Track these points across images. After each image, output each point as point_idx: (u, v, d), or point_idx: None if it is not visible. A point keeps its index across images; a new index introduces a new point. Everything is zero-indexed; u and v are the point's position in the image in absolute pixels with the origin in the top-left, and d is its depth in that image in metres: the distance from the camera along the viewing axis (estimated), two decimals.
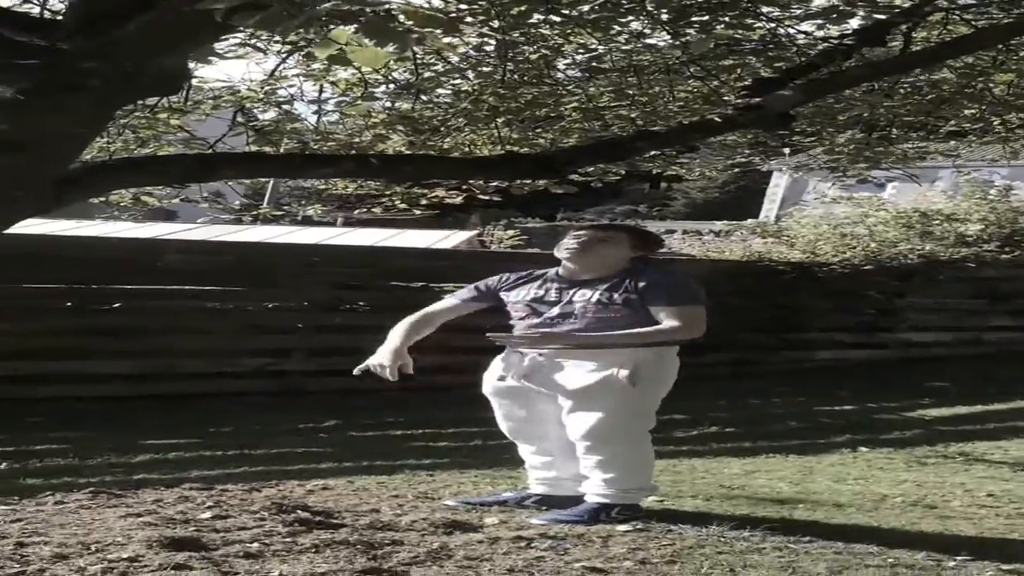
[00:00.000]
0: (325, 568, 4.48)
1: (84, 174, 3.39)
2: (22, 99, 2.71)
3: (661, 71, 6.26)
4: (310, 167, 3.84)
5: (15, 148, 2.83)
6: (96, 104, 2.77)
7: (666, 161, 9.08)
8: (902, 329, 13.26)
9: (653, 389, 5.57)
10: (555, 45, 5.90)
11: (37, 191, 3.04)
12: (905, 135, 8.96)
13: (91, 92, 2.72)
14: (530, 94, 6.44)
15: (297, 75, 6.08)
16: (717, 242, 18.32)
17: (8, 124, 2.78)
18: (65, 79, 2.71)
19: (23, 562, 4.43)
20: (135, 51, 2.67)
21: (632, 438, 5.52)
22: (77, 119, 2.83)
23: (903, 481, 6.97)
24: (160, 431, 7.88)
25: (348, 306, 10.50)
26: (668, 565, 4.78)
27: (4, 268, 8.85)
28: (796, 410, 9.99)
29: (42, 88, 2.71)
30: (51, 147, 2.91)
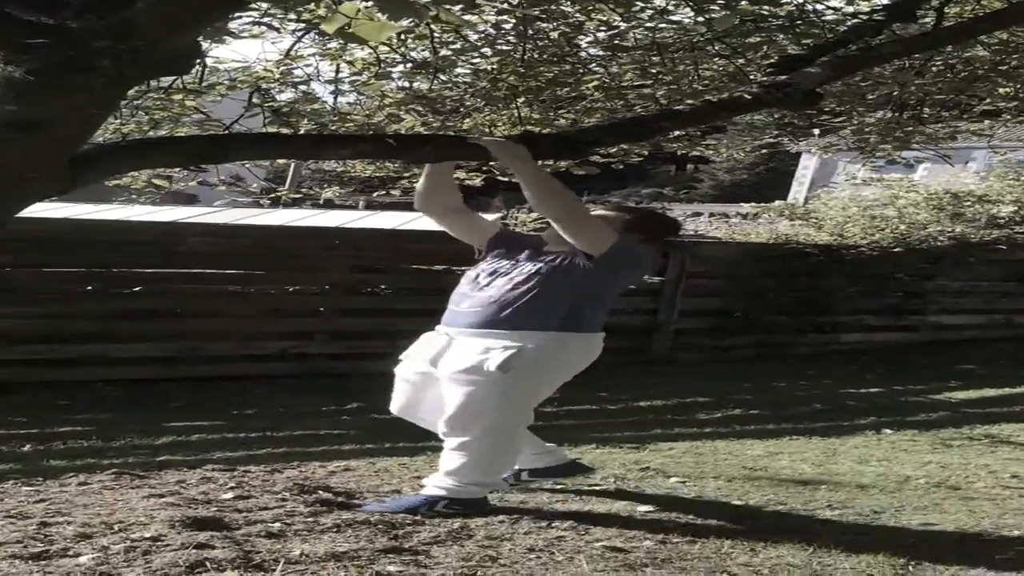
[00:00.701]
0: (346, 547, 4.49)
1: (99, 154, 3.38)
2: (32, 79, 2.70)
3: (685, 49, 6.21)
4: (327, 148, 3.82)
5: (27, 128, 2.82)
6: (108, 84, 2.75)
7: (692, 142, 9.03)
8: (932, 312, 13.16)
9: (530, 380, 5.14)
10: (576, 22, 5.86)
11: (52, 172, 3.03)
12: (937, 114, 8.84)
13: (102, 72, 2.70)
14: (551, 73, 6.40)
15: (313, 54, 6.07)
16: (744, 224, 18.26)
17: (18, 105, 2.77)
18: (75, 59, 2.69)
19: (46, 541, 4.47)
20: (146, 29, 2.65)
21: (491, 428, 5.12)
22: (89, 99, 2.81)
23: (927, 463, 6.94)
24: (183, 413, 7.92)
25: (370, 289, 10.51)
26: (689, 545, 4.78)
27: (27, 253, 8.89)
28: (821, 393, 9.94)
29: (52, 68, 2.70)
30: (63, 128, 2.90)
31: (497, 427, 5.15)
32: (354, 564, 4.29)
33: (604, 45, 6.33)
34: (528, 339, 5.04)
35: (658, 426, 8.16)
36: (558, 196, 5.10)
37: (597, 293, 5.21)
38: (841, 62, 5.45)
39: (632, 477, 6.24)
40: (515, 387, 5.08)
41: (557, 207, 5.08)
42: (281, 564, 4.24)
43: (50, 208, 9.93)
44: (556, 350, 5.14)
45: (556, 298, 5.09)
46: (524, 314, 5.06)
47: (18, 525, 4.72)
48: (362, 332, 10.33)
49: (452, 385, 5.17)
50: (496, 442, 5.18)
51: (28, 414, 7.64)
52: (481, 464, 5.17)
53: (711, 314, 12.03)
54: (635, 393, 9.45)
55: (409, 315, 10.19)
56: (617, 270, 5.21)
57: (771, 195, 22.39)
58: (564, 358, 5.24)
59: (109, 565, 4.16)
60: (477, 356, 5.06)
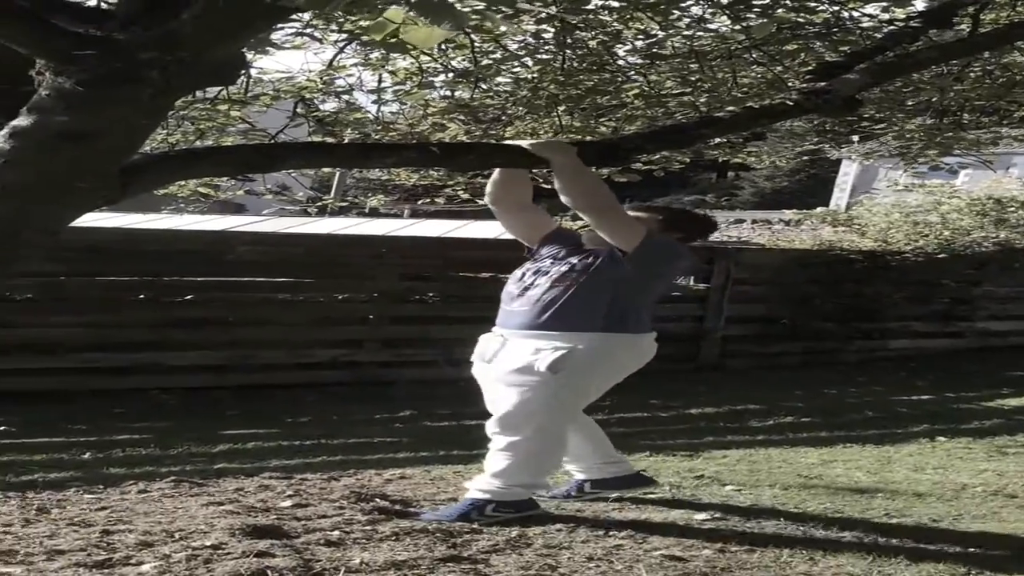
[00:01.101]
0: (405, 556, 4.52)
1: (147, 164, 3.42)
2: (81, 90, 2.74)
3: (723, 56, 6.21)
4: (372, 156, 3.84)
5: (76, 139, 2.86)
6: (155, 94, 2.78)
7: (734, 149, 9.02)
8: (980, 318, 13.09)
9: (580, 380, 5.13)
10: (614, 31, 5.87)
11: (101, 181, 3.06)
12: (977, 120, 8.80)
13: (150, 82, 2.74)
14: (590, 81, 6.41)
15: (355, 64, 6.09)
16: (787, 231, 18.18)
17: (68, 115, 2.80)
18: (123, 70, 2.73)
19: (109, 549, 4.51)
20: (192, 40, 2.68)
21: (539, 429, 5.13)
22: (137, 109, 2.85)
23: (983, 471, 6.89)
24: (238, 421, 7.97)
25: (418, 297, 10.54)
26: (747, 554, 4.78)
27: (79, 262, 8.97)
28: (873, 400, 9.89)
29: (100, 79, 2.73)
30: (112, 138, 2.93)
31: (546, 427, 5.16)
32: (414, 573, 4.32)
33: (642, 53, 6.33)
34: (578, 340, 5.03)
35: (711, 434, 8.15)
36: (591, 190, 5.11)
37: (637, 290, 5.20)
38: (879, 68, 5.44)
39: (687, 485, 6.23)
40: (564, 387, 5.08)
41: (589, 201, 5.10)
42: (341, 572, 4.27)
43: (100, 218, 10.03)
44: (606, 351, 5.14)
45: (594, 296, 5.08)
46: (568, 314, 5.06)
47: (81, 533, 4.77)
48: (411, 339, 10.37)
49: (504, 386, 5.21)
50: (544, 443, 5.19)
51: (86, 422, 7.71)
52: (528, 465, 5.18)
53: (757, 321, 12.00)
54: (686, 400, 9.43)
55: (457, 322, 10.23)
56: (654, 265, 5.21)
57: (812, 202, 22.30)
58: (614, 359, 5.23)
59: (171, 574, 4.20)
60: (528, 357, 5.08)
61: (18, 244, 3.11)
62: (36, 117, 2.85)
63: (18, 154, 2.89)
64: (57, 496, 5.59)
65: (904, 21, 5.74)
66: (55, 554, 4.41)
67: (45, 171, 2.93)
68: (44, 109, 2.83)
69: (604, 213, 5.08)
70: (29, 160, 2.90)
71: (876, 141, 9.91)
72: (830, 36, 5.89)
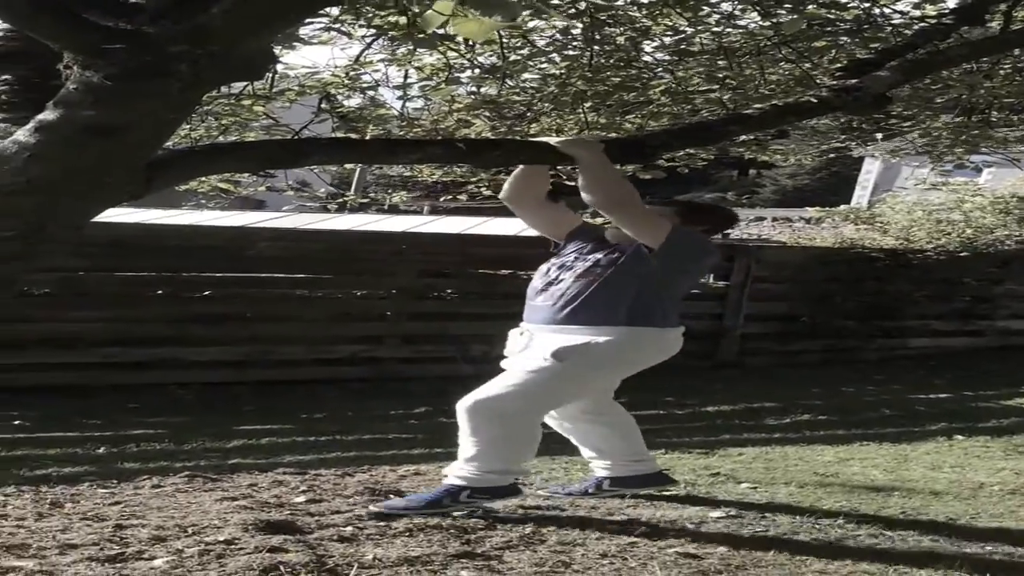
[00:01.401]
0: (419, 552, 4.51)
1: (173, 159, 3.41)
2: (110, 84, 2.72)
3: (752, 53, 6.18)
4: (398, 152, 3.81)
5: (104, 134, 2.84)
6: (184, 88, 2.76)
7: (759, 147, 8.98)
8: (1000, 317, 13.02)
9: (589, 372, 5.11)
10: (643, 27, 5.84)
11: (127, 176, 3.05)
12: (1006, 118, 8.73)
13: (179, 76, 2.72)
14: (617, 77, 6.38)
15: (381, 60, 6.08)
16: (807, 229, 18.14)
17: (96, 109, 2.78)
18: (152, 63, 2.71)
19: (122, 543, 4.52)
20: (222, 34, 2.67)
21: (511, 413, 5.05)
22: (165, 104, 2.83)
23: (1001, 469, 6.86)
24: (254, 417, 7.97)
25: (437, 293, 10.54)
26: (762, 551, 4.76)
27: (100, 257, 8.99)
28: (890, 398, 9.85)
29: (130, 73, 2.71)
30: (140, 132, 2.91)
31: (519, 413, 5.11)
32: (427, 569, 4.31)
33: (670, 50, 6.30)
34: (601, 333, 5.00)
35: (727, 431, 8.12)
36: (616, 187, 5.05)
37: (663, 285, 5.13)
38: (911, 65, 5.39)
39: (703, 483, 6.21)
40: (564, 377, 5.06)
41: (614, 197, 5.04)
42: (355, 568, 4.27)
43: (121, 213, 10.05)
44: (630, 344, 5.08)
45: (619, 290, 5.03)
46: (592, 308, 5.02)
47: (94, 527, 4.78)
48: (430, 336, 10.36)
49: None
50: (516, 428, 5.13)
51: (102, 417, 7.72)
52: (501, 451, 5.11)
53: (777, 319, 11.96)
54: (703, 398, 9.41)
55: (476, 319, 10.24)
56: (681, 260, 5.15)
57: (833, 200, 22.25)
58: (638, 352, 5.18)
59: (184, 568, 4.20)
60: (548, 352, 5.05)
61: (43, 238, 3.10)
62: (63, 111, 2.84)
63: (44, 148, 2.88)
64: (71, 490, 5.60)
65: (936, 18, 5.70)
66: (68, 548, 4.42)
67: (71, 165, 2.92)
68: (71, 103, 2.82)
69: (629, 210, 5.04)
70: (55, 154, 2.90)
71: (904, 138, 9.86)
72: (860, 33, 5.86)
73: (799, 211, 23.06)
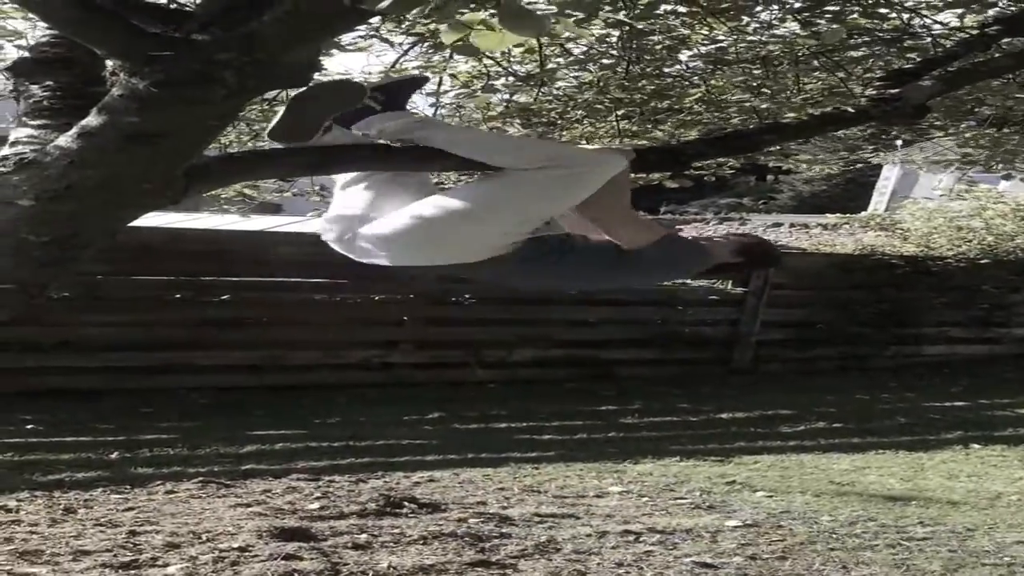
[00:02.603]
0: (433, 560, 4.50)
1: (213, 165, 3.40)
2: (155, 91, 2.72)
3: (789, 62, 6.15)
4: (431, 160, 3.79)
5: (146, 140, 2.83)
6: (228, 95, 2.75)
7: (786, 156, 8.93)
8: (1017, 324, 12.95)
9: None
10: (680, 36, 5.82)
11: (166, 183, 3.05)
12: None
13: (223, 84, 2.71)
14: (652, 85, 6.36)
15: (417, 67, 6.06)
16: (825, 235, 18.08)
17: (140, 116, 2.78)
18: (199, 71, 2.70)
19: (136, 550, 4.51)
20: (272, 42, 2.66)
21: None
22: (209, 111, 2.82)
23: (1018, 479, 6.82)
24: (268, 422, 7.95)
25: (454, 299, 10.50)
26: (779, 561, 4.73)
27: (119, 261, 8.97)
28: (906, 406, 9.79)
29: (175, 80, 2.70)
30: (181, 139, 2.90)
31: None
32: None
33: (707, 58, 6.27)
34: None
35: (742, 439, 8.07)
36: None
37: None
38: (952, 76, 5.33)
39: (718, 491, 6.18)
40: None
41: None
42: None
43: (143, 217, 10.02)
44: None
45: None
46: None
47: (108, 533, 4.77)
48: (445, 342, 10.33)
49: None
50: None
51: (114, 421, 7.70)
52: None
53: (793, 325, 11.89)
54: (717, 405, 9.36)
55: (492, 324, 10.22)
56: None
57: (850, 206, 22.19)
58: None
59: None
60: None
61: (78, 243, 3.10)
62: (107, 117, 2.82)
63: (86, 154, 2.87)
64: (84, 496, 5.60)
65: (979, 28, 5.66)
66: (81, 554, 4.41)
67: (112, 172, 2.90)
68: (116, 110, 2.80)
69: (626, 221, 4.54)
70: (97, 160, 2.88)
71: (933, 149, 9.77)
72: (899, 42, 5.82)
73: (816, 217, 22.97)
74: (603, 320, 10.72)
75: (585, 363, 10.53)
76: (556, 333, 10.57)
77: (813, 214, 25.39)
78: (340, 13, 2.42)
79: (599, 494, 6.07)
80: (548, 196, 3.87)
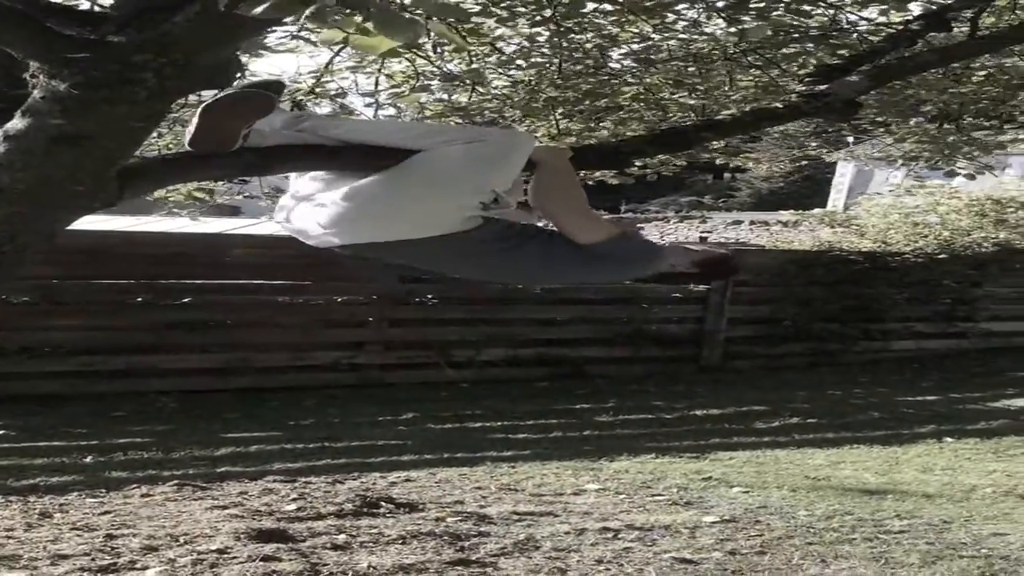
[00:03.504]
0: (413, 559, 4.47)
1: (146, 167, 3.40)
2: (76, 93, 2.71)
3: (720, 59, 6.19)
4: (369, 159, 3.77)
5: (73, 142, 2.83)
6: (151, 97, 2.75)
7: (730, 152, 8.98)
8: (982, 319, 13.04)
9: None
10: (610, 34, 5.84)
11: (98, 185, 3.04)
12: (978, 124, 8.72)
13: (145, 85, 2.71)
14: (587, 84, 6.38)
15: (350, 67, 6.05)
16: (785, 232, 18.16)
17: (64, 118, 2.77)
18: (117, 72, 2.70)
19: (114, 554, 4.47)
20: (186, 43, 2.66)
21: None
22: (133, 112, 2.81)
23: (992, 471, 6.86)
24: (240, 424, 7.92)
25: (418, 299, 10.47)
26: (758, 556, 4.74)
27: (73, 264, 8.91)
28: (878, 400, 9.84)
29: (94, 82, 2.70)
30: (108, 141, 2.89)
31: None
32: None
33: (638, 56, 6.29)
34: None
35: (716, 435, 8.09)
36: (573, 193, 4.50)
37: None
38: (879, 71, 5.39)
39: (695, 487, 6.19)
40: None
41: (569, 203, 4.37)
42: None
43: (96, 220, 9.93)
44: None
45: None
46: None
47: (85, 537, 4.72)
48: (412, 342, 10.29)
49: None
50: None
51: (86, 425, 7.64)
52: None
53: (760, 322, 11.94)
54: (690, 402, 9.39)
55: (457, 324, 10.21)
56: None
57: (809, 203, 22.33)
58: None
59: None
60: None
61: (15, 248, 3.09)
62: (31, 120, 2.82)
63: (13, 157, 2.87)
64: (59, 500, 5.55)
65: (903, 24, 5.72)
66: (59, 559, 4.37)
67: (41, 174, 2.90)
68: (39, 112, 2.79)
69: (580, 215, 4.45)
70: (25, 163, 2.87)
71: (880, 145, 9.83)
72: (827, 39, 5.87)
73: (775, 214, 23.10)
74: (571, 319, 10.74)
75: (556, 362, 10.54)
76: (524, 332, 10.57)
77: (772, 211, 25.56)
78: (245, 17, 2.43)
79: (576, 492, 6.06)
80: (486, 164, 3.82)
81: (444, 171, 3.72)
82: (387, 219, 3.74)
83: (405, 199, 3.72)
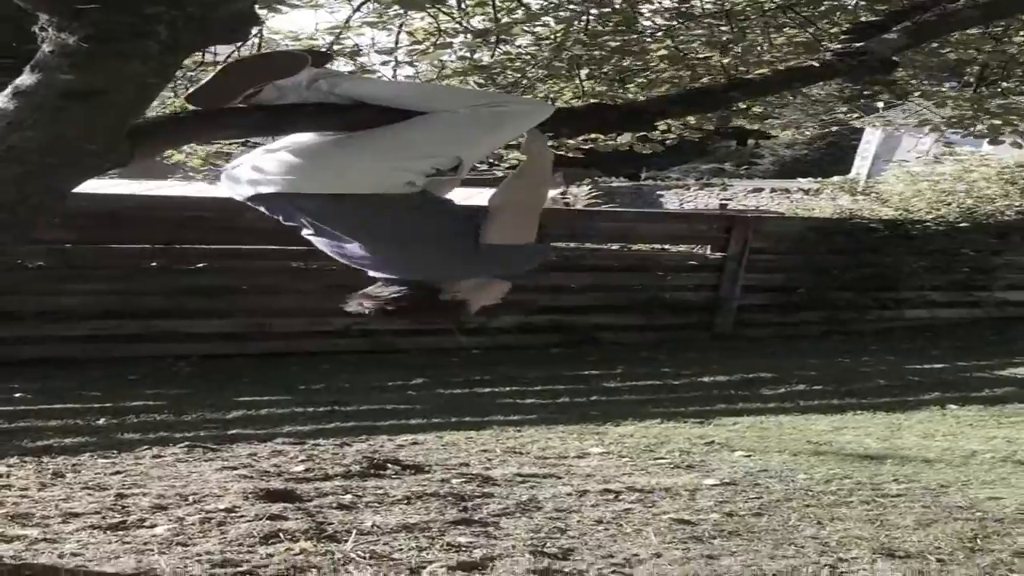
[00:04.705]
0: (417, 519, 4.57)
1: (159, 126, 3.35)
2: (85, 46, 2.68)
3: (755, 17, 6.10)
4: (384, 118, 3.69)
5: (82, 97, 2.75)
6: (163, 51, 2.70)
7: (757, 117, 8.85)
8: (998, 288, 12.97)
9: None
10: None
11: (110, 143, 2.95)
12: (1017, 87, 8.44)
13: (157, 38, 2.68)
14: (615, 42, 6.28)
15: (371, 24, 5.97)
16: (806, 200, 18.09)
17: (74, 73, 2.71)
18: (129, 25, 2.66)
19: (124, 512, 4.57)
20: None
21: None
22: (145, 66, 2.75)
23: (993, 438, 6.91)
24: (253, 388, 8.02)
25: None
26: (755, 517, 4.82)
27: (89, 229, 8.97)
28: (886, 368, 9.88)
29: (106, 34, 2.66)
30: (120, 96, 2.81)
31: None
32: (425, 535, 4.36)
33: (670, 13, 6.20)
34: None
35: (722, 401, 8.17)
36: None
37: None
38: (918, 28, 5.22)
39: (697, 451, 6.26)
40: None
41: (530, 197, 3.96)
42: (353, 535, 4.32)
43: (110, 185, 9.99)
44: None
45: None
46: None
47: (96, 496, 4.83)
48: None
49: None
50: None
51: (101, 389, 7.75)
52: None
53: (774, 290, 11.93)
54: (699, 369, 9.44)
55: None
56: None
57: (832, 170, 22.19)
58: None
59: (185, 535, 4.25)
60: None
61: (26, 208, 3.04)
62: (40, 75, 2.78)
63: (23, 114, 2.82)
64: (72, 461, 5.66)
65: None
66: (70, 516, 4.47)
67: (52, 132, 2.82)
68: (49, 67, 2.73)
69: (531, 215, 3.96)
70: (35, 121, 2.83)
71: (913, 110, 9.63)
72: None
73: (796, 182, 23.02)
74: (585, 287, 10.77)
75: (568, 329, 10.59)
76: (538, 299, 10.60)
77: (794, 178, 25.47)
78: None
79: (580, 455, 6.15)
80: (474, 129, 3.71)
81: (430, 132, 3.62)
82: (342, 169, 3.63)
83: (368, 145, 3.60)
